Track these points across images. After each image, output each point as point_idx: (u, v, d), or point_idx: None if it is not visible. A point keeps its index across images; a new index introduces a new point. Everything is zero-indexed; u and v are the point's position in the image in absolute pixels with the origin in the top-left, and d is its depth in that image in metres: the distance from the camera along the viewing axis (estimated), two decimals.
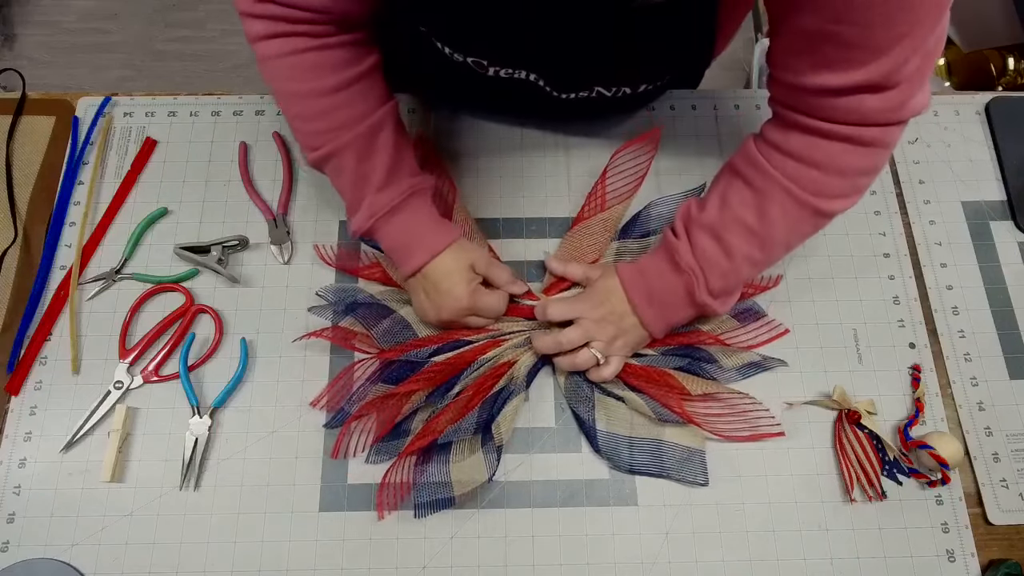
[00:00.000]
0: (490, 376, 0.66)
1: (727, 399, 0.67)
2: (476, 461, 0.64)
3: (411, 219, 0.65)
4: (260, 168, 0.78)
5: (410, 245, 0.65)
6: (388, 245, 0.66)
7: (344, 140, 0.62)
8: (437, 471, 0.64)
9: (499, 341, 0.68)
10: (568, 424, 0.67)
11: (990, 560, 0.63)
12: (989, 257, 0.75)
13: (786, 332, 0.70)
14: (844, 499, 0.65)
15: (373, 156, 0.63)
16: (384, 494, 0.63)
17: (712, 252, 0.61)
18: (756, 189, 0.59)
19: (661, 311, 0.64)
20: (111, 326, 0.70)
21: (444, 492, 0.63)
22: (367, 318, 0.69)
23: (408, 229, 0.65)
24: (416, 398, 0.66)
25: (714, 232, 0.61)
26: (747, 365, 0.68)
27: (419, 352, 0.67)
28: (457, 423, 0.63)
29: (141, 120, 0.79)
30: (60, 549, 0.62)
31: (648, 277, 0.64)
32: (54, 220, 0.74)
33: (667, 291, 0.64)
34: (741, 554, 0.63)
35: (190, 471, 0.65)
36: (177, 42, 1.90)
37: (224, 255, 0.72)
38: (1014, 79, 1.38)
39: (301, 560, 0.62)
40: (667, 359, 0.67)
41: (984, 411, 0.68)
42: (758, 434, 0.66)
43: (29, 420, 0.66)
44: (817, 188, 0.57)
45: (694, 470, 0.65)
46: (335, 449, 0.65)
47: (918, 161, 0.79)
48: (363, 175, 0.63)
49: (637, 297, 0.64)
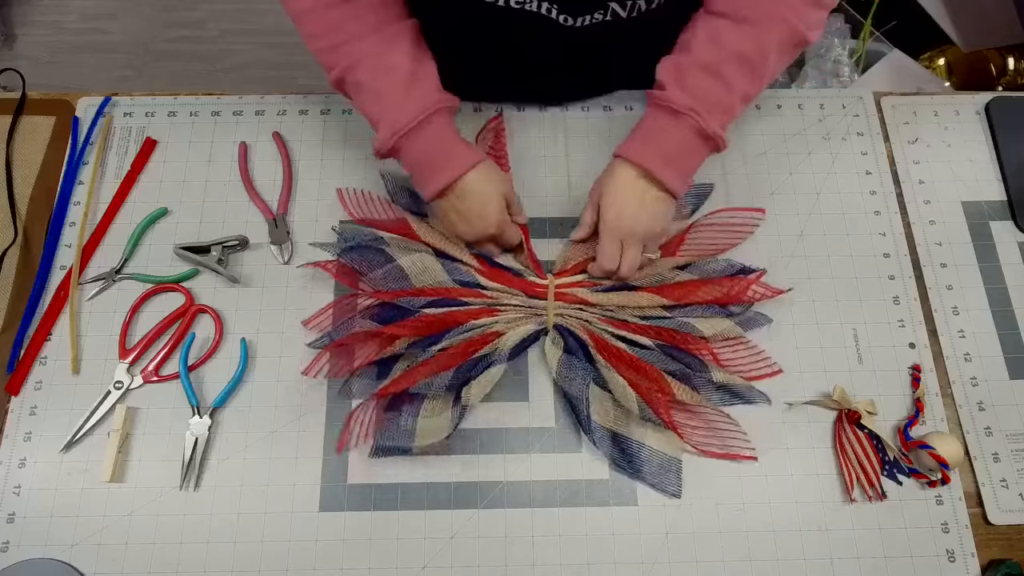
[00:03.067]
0: (477, 341, 0.66)
1: (706, 414, 0.67)
2: (443, 419, 0.64)
3: (436, 136, 0.64)
4: (260, 168, 0.78)
5: (436, 161, 0.64)
6: (412, 162, 0.65)
7: (357, 53, 0.61)
8: (404, 420, 0.64)
9: (494, 311, 0.68)
10: (568, 424, 0.67)
11: (990, 560, 0.63)
12: (989, 257, 0.75)
13: (779, 372, 0.69)
14: (844, 499, 0.65)
15: (391, 72, 0.62)
16: (348, 429, 0.64)
17: (711, 88, 0.62)
18: (752, 23, 0.61)
19: (680, 164, 0.65)
20: (111, 326, 0.70)
21: (405, 440, 0.63)
22: (363, 263, 0.69)
23: (434, 146, 0.64)
24: (399, 343, 0.66)
25: (711, 69, 0.62)
26: (731, 391, 0.67)
27: (413, 301, 0.67)
28: (432, 377, 0.63)
29: (141, 120, 0.79)
30: (60, 549, 0.62)
31: (651, 139, 0.65)
32: (54, 220, 0.74)
33: (677, 141, 0.64)
34: (741, 554, 0.63)
35: (190, 471, 0.65)
36: (177, 42, 1.90)
37: (224, 255, 0.72)
38: (1014, 79, 1.38)
39: (301, 560, 0.62)
40: (663, 360, 0.67)
41: (984, 411, 0.68)
42: (731, 453, 0.65)
43: (29, 420, 0.66)
44: (801, 17, 0.62)
45: (670, 480, 0.64)
46: (309, 367, 0.66)
47: (918, 161, 0.79)
48: (379, 91, 0.62)
49: (651, 163, 0.64)
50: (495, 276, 0.70)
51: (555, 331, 0.69)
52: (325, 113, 0.80)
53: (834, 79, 1.38)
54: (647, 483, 0.64)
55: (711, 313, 0.68)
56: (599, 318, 0.69)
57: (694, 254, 0.72)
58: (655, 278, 0.70)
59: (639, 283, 0.70)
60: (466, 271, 0.70)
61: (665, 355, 0.67)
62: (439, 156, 0.64)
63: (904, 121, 0.81)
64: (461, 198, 0.65)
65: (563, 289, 0.70)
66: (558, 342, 0.68)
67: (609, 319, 0.69)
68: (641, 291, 0.69)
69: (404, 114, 0.62)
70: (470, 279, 0.69)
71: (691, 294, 0.69)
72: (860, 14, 1.43)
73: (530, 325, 0.69)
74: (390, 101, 0.62)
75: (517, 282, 0.69)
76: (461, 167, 0.64)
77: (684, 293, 0.69)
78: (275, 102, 0.81)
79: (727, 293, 0.69)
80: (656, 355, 0.67)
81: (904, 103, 0.83)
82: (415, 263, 0.68)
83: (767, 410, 0.68)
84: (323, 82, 0.68)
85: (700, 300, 0.69)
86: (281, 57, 1.87)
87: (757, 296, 0.70)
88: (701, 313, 0.68)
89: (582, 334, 0.68)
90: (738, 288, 0.69)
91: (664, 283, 0.70)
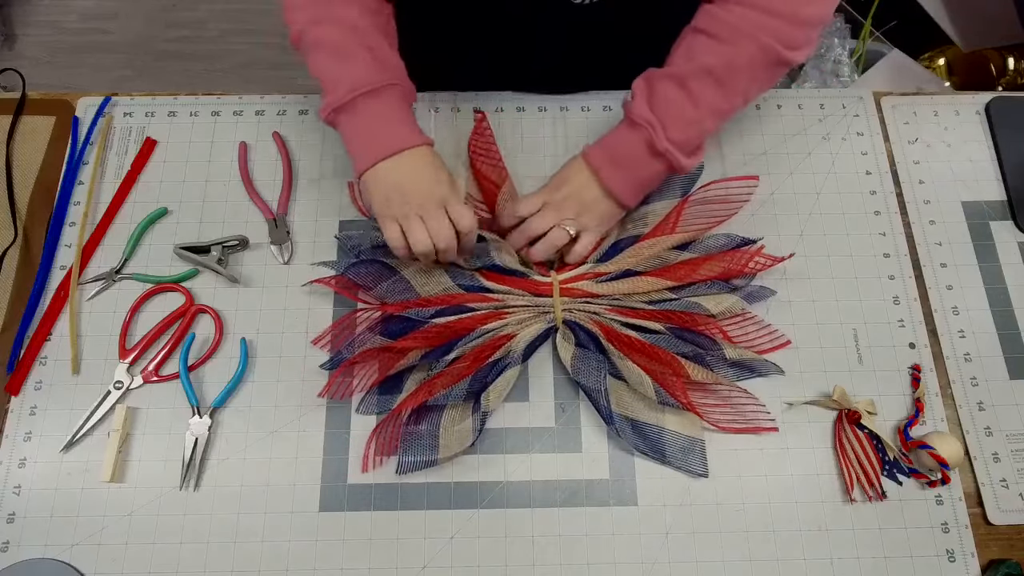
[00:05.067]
0: (488, 346, 0.67)
1: (723, 391, 0.68)
2: (465, 428, 0.64)
3: (393, 106, 0.63)
4: (260, 168, 0.78)
5: (386, 129, 0.62)
6: (360, 125, 0.63)
7: (326, 9, 0.61)
8: (426, 432, 0.64)
9: (503, 313, 0.68)
10: (568, 424, 0.67)
11: (990, 560, 0.63)
12: (989, 257, 0.75)
13: (787, 344, 0.70)
14: (844, 499, 0.65)
15: (357, 33, 0.62)
16: (370, 447, 0.64)
17: (676, 99, 0.63)
18: (723, 40, 0.62)
19: (626, 173, 0.66)
20: (111, 326, 0.70)
21: (430, 454, 0.63)
22: (367, 277, 0.69)
23: (388, 114, 0.62)
24: (412, 356, 0.66)
25: (679, 80, 0.63)
26: (744, 366, 0.68)
27: (421, 312, 0.67)
28: (450, 388, 0.64)
29: (141, 120, 0.79)
30: (60, 549, 0.62)
31: (607, 143, 0.67)
32: (54, 220, 0.74)
33: (627, 149, 0.65)
34: (741, 554, 0.63)
35: (190, 471, 0.65)
36: (177, 42, 1.90)
37: (224, 255, 0.72)
38: (1014, 79, 1.38)
39: (301, 560, 0.62)
40: (674, 343, 0.67)
41: (984, 411, 0.68)
42: (753, 427, 0.66)
43: (29, 420, 0.66)
44: (780, 37, 0.61)
45: (695, 461, 0.65)
46: (325, 389, 0.66)
47: (918, 161, 0.79)
48: (345, 50, 0.62)
49: (599, 163, 0.66)
50: (499, 278, 0.69)
51: (565, 327, 0.69)
52: None
53: (834, 79, 1.38)
54: (673, 466, 0.65)
55: (716, 290, 0.69)
56: (607, 308, 0.69)
57: (692, 230, 0.72)
58: (657, 261, 0.71)
59: (642, 268, 0.70)
60: (470, 274, 0.69)
61: (676, 338, 0.68)
62: (392, 124, 0.63)
63: (904, 121, 0.81)
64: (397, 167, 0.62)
65: (567, 284, 0.70)
66: (569, 337, 0.68)
67: (617, 308, 0.69)
68: (645, 276, 0.69)
69: (369, 75, 0.62)
70: (474, 283, 0.69)
71: (694, 272, 0.69)
72: (860, 14, 1.43)
73: (540, 324, 0.69)
74: (358, 62, 0.62)
75: (521, 282, 0.69)
76: (411, 141, 0.63)
77: (687, 272, 0.69)
78: (275, 102, 0.81)
79: (729, 266, 0.70)
80: (667, 339, 0.68)
81: (904, 103, 0.83)
82: (419, 272, 0.69)
83: (768, 409, 0.68)
84: None
85: (704, 277, 0.69)
86: (281, 57, 1.87)
87: (759, 267, 0.71)
88: (706, 290, 0.69)
89: (592, 326, 0.68)
90: (739, 260, 0.70)
91: (667, 264, 0.70)
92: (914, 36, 1.42)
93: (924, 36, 1.41)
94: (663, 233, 0.71)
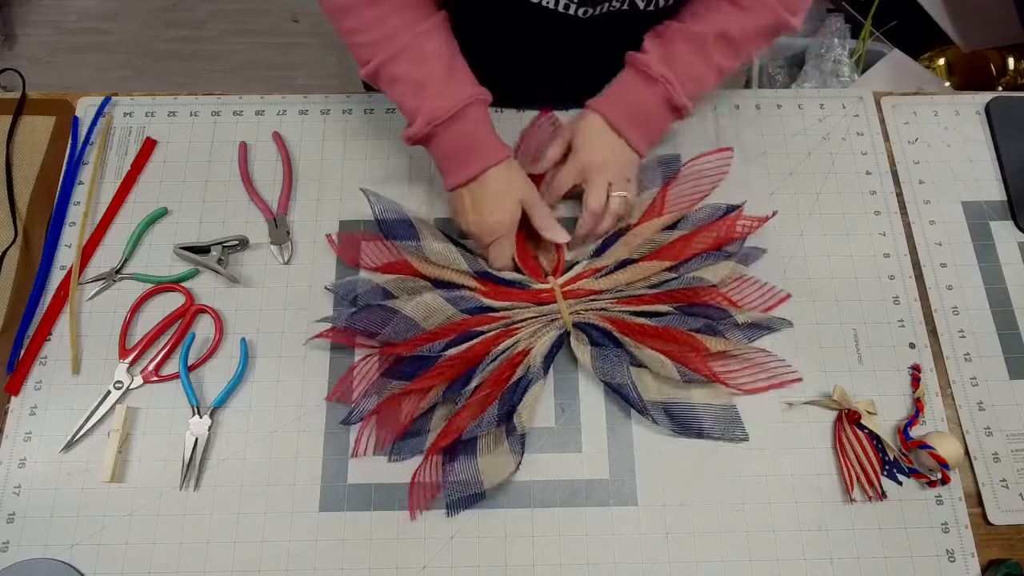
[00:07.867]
0: (507, 367, 0.66)
1: (743, 355, 0.69)
2: (503, 452, 0.64)
3: (469, 128, 0.66)
4: (260, 168, 0.78)
5: (466, 153, 0.66)
6: (442, 152, 0.67)
7: (395, 47, 0.63)
8: (465, 467, 0.64)
9: (512, 330, 0.68)
10: (568, 424, 0.67)
11: (990, 560, 0.63)
12: (989, 257, 0.75)
13: (787, 298, 0.72)
14: (844, 499, 0.65)
15: (427, 62, 0.64)
16: (415, 494, 0.63)
17: (689, 58, 0.67)
18: (744, 7, 0.66)
19: (644, 126, 0.69)
20: (111, 326, 0.70)
21: (474, 488, 0.63)
22: (370, 323, 0.67)
23: (465, 137, 0.66)
24: (433, 393, 0.66)
25: (697, 40, 0.66)
26: (755, 326, 0.70)
27: (432, 347, 0.66)
28: (479, 417, 0.63)
29: (141, 120, 0.79)
30: (60, 549, 0.62)
31: (623, 100, 0.69)
32: (54, 220, 0.74)
33: (646, 104, 0.68)
34: (741, 554, 0.63)
35: (190, 471, 0.65)
36: (177, 42, 1.90)
37: (224, 255, 0.72)
38: (1014, 79, 1.38)
39: (301, 560, 0.62)
40: (685, 320, 0.68)
41: (984, 411, 0.68)
42: (778, 382, 0.68)
43: (29, 420, 0.66)
44: (787, 3, 0.67)
45: (732, 427, 0.66)
46: (355, 449, 0.65)
47: (918, 161, 0.79)
48: (418, 82, 0.64)
49: (621, 122, 0.68)
50: (500, 295, 0.69)
51: (576, 329, 0.69)
52: (325, 113, 0.80)
53: (834, 79, 1.38)
54: (713, 438, 0.66)
55: (712, 260, 0.70)
56: (612, 301, 0.69)
57: (679, 209, 0.73)
58: (650, 246, 0.71)
59: (637, 255, 0.71)
60: (470, 296, 0.68)
61: (687, 315, 0.68)
62: (470, 147, 0.66)
63: (904, 121, 0.81)
64: (476, 190, 0.66)
65: (568, 286, 0.70)
66: (582, 339, 0.68)
67: (622, 299, 0.69)
68: (641, 261, 0.70)
69: (442, 104, 0.64)
70: (476, 304, 0.68)
71: (688, 248, 0.70)
72: (860, 14, 1.43)
73: (551, 332, 0.68)
74: (429, 92, 0.64)
75: (523, 294, 0.69)
76: (487, 162, 0.66)
77: (681, 248, 0.70)
78: (275, 102, 0.81)
79: (719, 235, 0.71)
80: (678, 318, 0.68)
81: (904, 103, 0.83)
82: (419, 307, 0.67)
83: (768, 409, 0.68)
84: (323, 82, 0.68)
85: (698, 250, 0.70)
86: (281, 57, 1.87)
87: (745, 230, 0.72)
88: (703, 263, 0.70)
89: (602, 322, 0.68)
90: (726, 227, 0.71)
91: (660, 246, 0.71)
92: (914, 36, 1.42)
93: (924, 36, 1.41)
94: (651, 217, 0.72)
